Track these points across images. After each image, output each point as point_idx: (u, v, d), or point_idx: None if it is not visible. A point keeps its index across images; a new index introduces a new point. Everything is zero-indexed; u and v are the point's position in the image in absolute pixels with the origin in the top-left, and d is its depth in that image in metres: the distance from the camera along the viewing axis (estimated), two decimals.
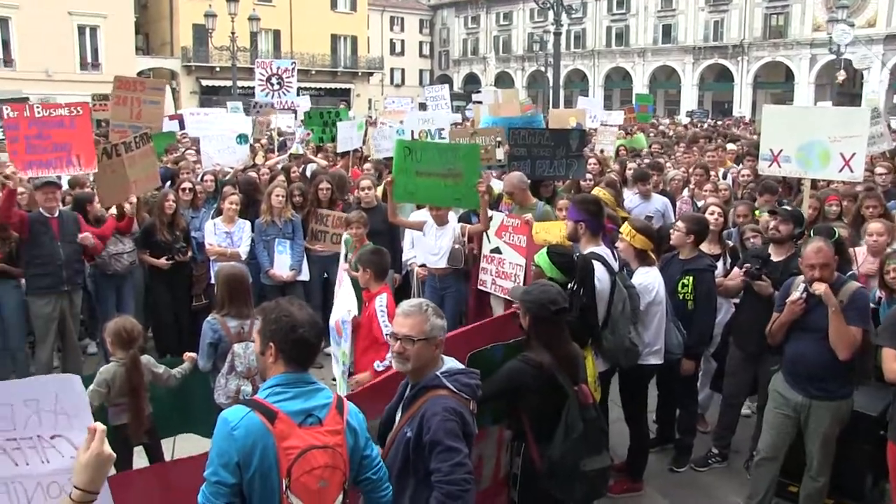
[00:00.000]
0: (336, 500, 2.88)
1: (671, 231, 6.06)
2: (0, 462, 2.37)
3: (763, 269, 5.54)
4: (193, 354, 5.29)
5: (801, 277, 4.83)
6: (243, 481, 2.77)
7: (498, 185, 8.85)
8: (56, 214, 7.25)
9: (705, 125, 27.92)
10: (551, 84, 28.29)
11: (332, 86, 52.81)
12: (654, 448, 6.05)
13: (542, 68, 52.99)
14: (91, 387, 4.72)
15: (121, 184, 7.60)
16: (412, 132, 11.16)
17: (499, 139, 9.39)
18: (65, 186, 8.36)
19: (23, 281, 7.31)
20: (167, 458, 5.11)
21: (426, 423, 3.25)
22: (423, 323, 3.40)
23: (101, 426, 2.32)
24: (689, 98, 58.49)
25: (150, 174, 8.20)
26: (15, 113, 7.14)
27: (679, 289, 5.76)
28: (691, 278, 5.72)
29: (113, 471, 2.53)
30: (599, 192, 7.95)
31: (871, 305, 5.22)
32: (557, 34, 25.18)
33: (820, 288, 4.58)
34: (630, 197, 9.06)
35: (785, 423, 4.95)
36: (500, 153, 9.23)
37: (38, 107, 7.30)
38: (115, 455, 2.33)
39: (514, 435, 4.25)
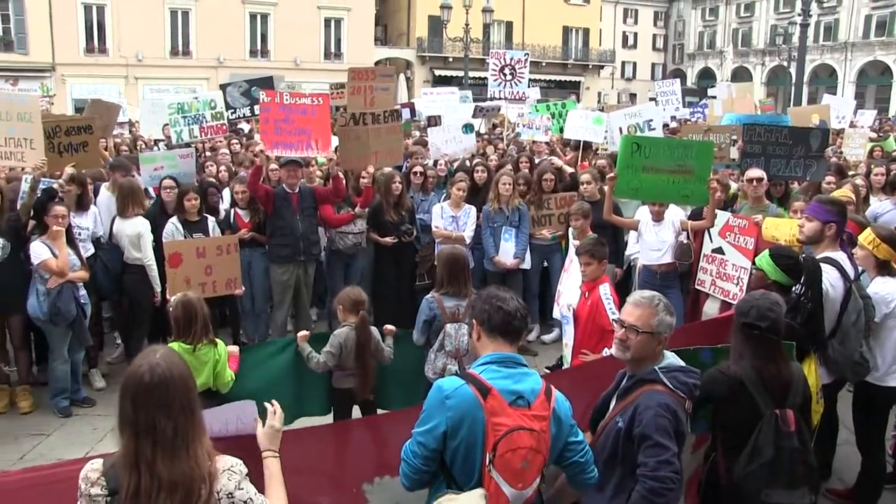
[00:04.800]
0: (534, 482, 2.96)
1: None
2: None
3: None
4: (392, 327, 5.55)
5: None
6: (447, 449, 2.92)
7: (733, 185, 8.54)
8: (296, 190, 7.97)
9: None
10: (794, 80, 26.46)
11: (562, 78, 52.67)
12: (890, 485, 5.39)
13: (785, 63, 49.55)
14: (325, 349, 5.18)
15: (362, 152, 8.18)
16: (619, 128, 10.97)
17: (734, 137, 9.02)
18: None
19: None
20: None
21: (638, 415, 3.24)
22: (651, 316, 3.39)
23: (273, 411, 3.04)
24: None
25: (394, 150, 8.71)
26: (269, 98, 7.92)
27: None
28: None
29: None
30: (843, 192, 7.43)
31: None
32: (805, 25, 23.48)
33: None
34: (880, 203, 8.34)
35: None
36: (734, 152, 8.87)
37: (286, 95, 8.05)
38: (280, 428, 2.99)
39: (711, 443, 4.09)
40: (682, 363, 3.52)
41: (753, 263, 5.52)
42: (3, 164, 7.78)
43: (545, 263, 8.83)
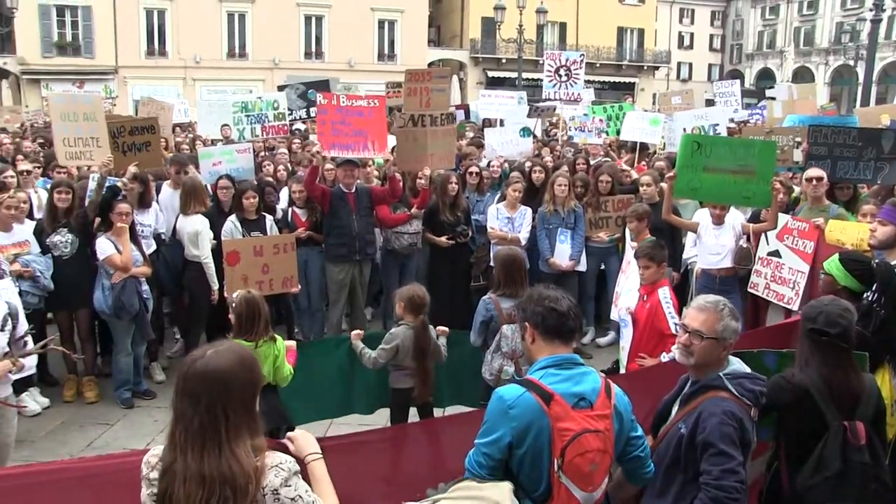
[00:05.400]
0: (602, 482, 2.95)
1: None
2: None
3: None
4: (445, 329, 5.57)
5: None
6: (512, 458, 2.89)
7: (796, 188, 8.35)
8: (353, 190, 8.04)
9: None
10: (861, 80, 25.56)
11: (616, 79, 52.13)
12: None
13: (851, 62, 48.16)
14: (381, 346, 5.22)
15: (419, 153, 8.23)
16: (683, 129, 10.79)
17: (797, 139, 8.81)
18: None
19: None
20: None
21: (702, 422, 3.16)
22: (716, 322, 3.30)
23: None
24: None
25: (448, 152, 8.73)
26: (325, 100, 8.02)
27: None
28: None
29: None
30: None
31: None
32: (877, 21, 22.56)
33: None
34: None
35: None
36: (798, 154, 8.66)
37: (343, 97, 8.13)
38: (297, 434, 2.79)
39: (773, 452, 3.94)
40: (748, 369, 3.42)
41: (822, 268, 5.37)
42: (73, 164, 8.01)
43: (602, 266, 8.77)
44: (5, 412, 4.58)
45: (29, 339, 4.85)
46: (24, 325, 4.76)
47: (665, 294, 5.41)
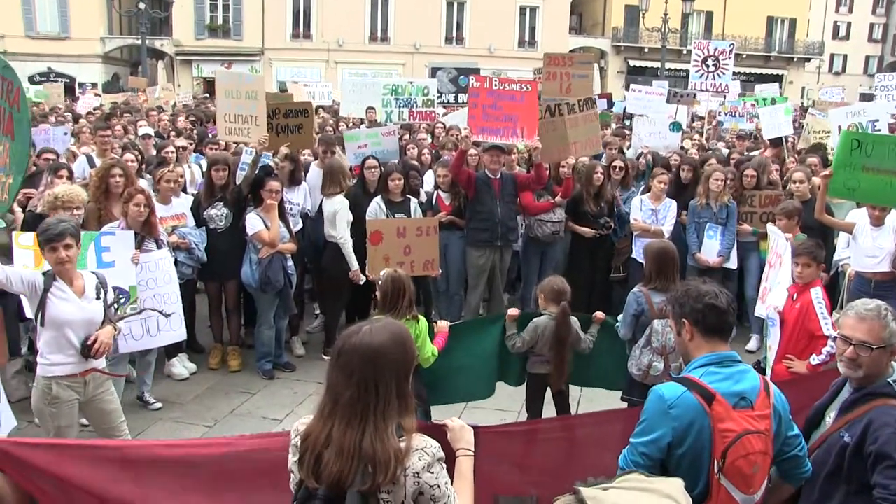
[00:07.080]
0: (762, 484, 2.88)
1: None
2: None
3: None
4: (602, 315, 5.53)
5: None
6: (670, 458, 2.83)
7: None
8: (498, 176, 7.98)
9: None
10: None
11: (764, 71, 49.51)
12: None
13: None
14: (522, 333, 5.29)
15: (560, 143, 8.08)
16: (839, 126, 10.13)
17: None
18: None
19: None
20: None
21: (873, 432, 2.98)
22: (882, 329, 3.13)
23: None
24: None
25: (592, 139, 8.53)
26: (478, 83, 7.97)
27: None
28: None
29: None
30: None
31: None
32: None
33: None
34: None
35: None
36: None
37: (496, 81, 8.05)
38: (456, 425, 2.79)
39: None
40: None
41: None
42: (231, 139, 8.34)
43: (736, 264, 8.38)
44: (103, 381, 4.78)
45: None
46: (112, 294, 4.97)
47: (818, 294, 5.28)
